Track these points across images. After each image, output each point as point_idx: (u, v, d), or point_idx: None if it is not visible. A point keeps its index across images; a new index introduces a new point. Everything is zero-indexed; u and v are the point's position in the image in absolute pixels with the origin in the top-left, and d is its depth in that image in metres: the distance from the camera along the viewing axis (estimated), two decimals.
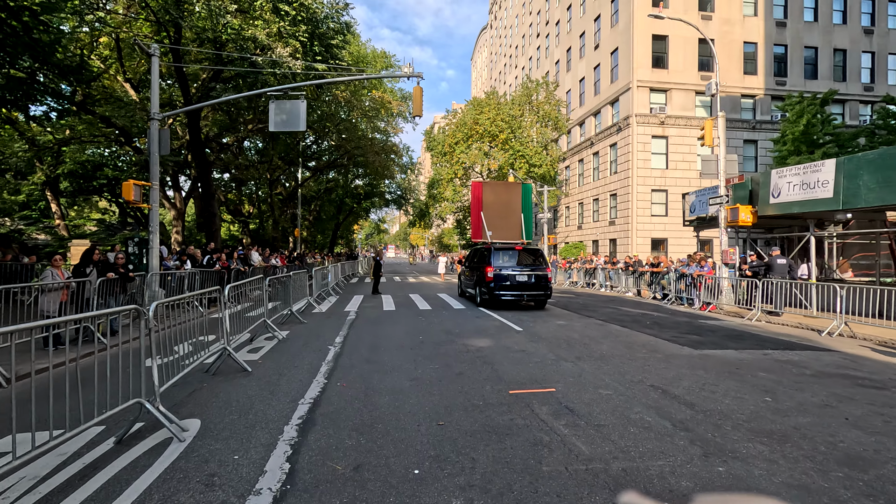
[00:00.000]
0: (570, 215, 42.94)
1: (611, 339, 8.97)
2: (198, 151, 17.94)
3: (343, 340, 8.82)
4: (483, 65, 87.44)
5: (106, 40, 23.05)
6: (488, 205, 16.93)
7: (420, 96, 12.96)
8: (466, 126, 37.06)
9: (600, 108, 36.87)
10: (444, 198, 39.58)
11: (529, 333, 9.59)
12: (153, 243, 11.98)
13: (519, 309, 13.88)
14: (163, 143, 12.20)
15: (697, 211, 17.52)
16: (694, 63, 32.68)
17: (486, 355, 7.47)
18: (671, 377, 6.18)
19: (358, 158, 32.04)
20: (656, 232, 32.28)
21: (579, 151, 40.47)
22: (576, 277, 25.45)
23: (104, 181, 34.09)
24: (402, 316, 12.34)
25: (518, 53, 60.82)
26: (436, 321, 11.36)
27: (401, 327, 10.41)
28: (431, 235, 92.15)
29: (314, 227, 46.91)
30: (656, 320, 11.82)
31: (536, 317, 12.16)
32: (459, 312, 13.06)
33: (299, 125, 12.85)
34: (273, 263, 21.40)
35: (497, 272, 13.89)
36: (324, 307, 14.07)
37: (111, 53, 23.61)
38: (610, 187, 35.07)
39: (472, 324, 10.91)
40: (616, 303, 16.20)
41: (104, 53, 23.92)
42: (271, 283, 13.50)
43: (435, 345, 8.37)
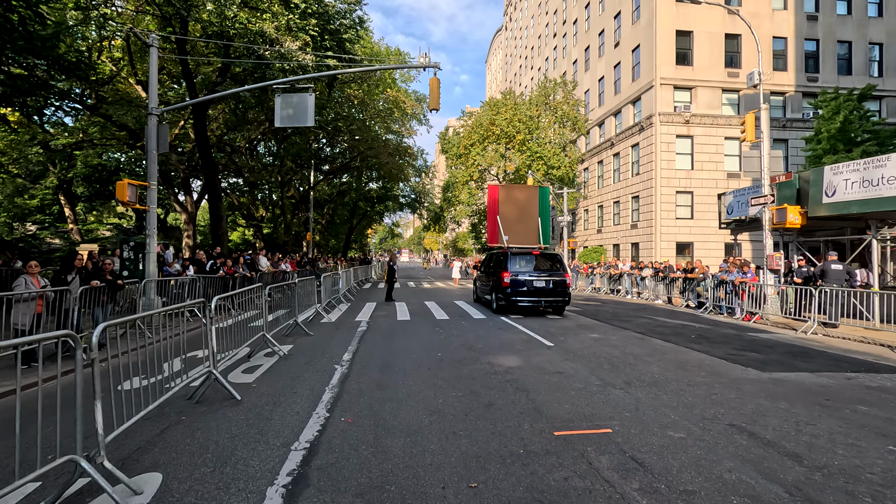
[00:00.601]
0: (588, 219, 41.59)
1: (658, 358, 7.81)
2: (205, 152, 17.14)
3: (352, 357, 7.79)
4: (498, 67, 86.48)
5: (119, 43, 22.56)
6: (504, 208, 16.53)
7: (437, 88, 11.95)
8: (482, 127, 36.03)
9: (621, 108, 35.57)
10: (459, 201, 38.56)
11: (562, 349, 8.47)
12: (150, 247, 11.11)
13: (540, 316, 12.76)
14: (161, 139, 11.34)
15: (736, 212, 16.22)
16: (720, 59, 31.26)
17: (517, 378, 6.37)
18: (750, 412, 5.03)
19: (371, 160, 31.21)
20: (681, 236, 30.84)
21: (599, 153, 39.15)
22: (598, 283, 24.19)
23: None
24: (417, 327, 11.30)
25: (534, 55, 59.72)
26: (455, 333, 10.29)
27: (416, 341, 9.37)
28: (446, 240, 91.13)
29: (328, 231, 46.19)
30: (700, 333, 10.60)
31: (566, 329, 11.02)
32: (480, 323, 11.97)
33: (307, 120, 11.92)
34: (283, 269, 20.53)
35: (514, 277, 13.45)
36: (333, 316, 13.08)
37: (122, 55, 23.03)
38: (632, 189, 33.72)
39: (495, 337, 9.82)
40: (648, 312, 14.98)
41: (115, 56, 23.39)
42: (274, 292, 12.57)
43: (456, 364, 7.29)
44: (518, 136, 34.59)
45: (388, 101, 28.29)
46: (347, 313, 13.87)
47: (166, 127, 11.42)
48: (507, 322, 12.07)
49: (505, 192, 17.27)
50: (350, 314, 13.65)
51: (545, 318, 13.13)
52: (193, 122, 16.98)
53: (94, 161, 31.48)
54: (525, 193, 17.19)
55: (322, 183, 41.93)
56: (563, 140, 36.51)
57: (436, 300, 18.53)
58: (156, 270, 11.17)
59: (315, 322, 11.98)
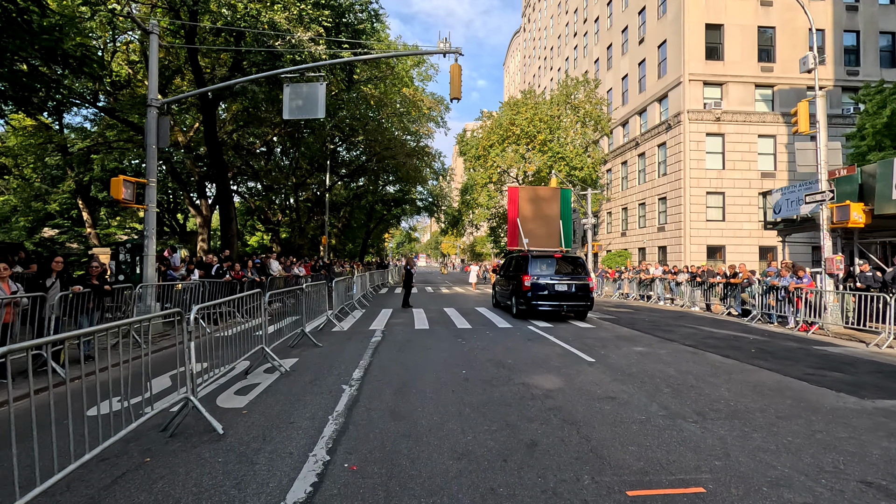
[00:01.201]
0: (612, 221, 40.14)
1: (724, 378, 6.61)
2: (214, 151, 16.36)
3: (363, 375, 6.75)
4: (516, 69, 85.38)
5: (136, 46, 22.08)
6: (525, 211, 16.28)
7: (458, 75, 10.91)
8: (502, 127, 34.95)
9: (646, 106, 34.17)
10: (477, 204, 37.46)
11: (607, 366, 7.32)
12: (149, 250, 10.26)
13: (571, 324, 11.59)
14: (162, 133, 10.51)
15: (784, 211, 14.83)
16: (753, 53, 29.72)
17: (561, 406, 5.25)
18: (880, 460, 3.84)
19: (388, 162, 30.31)
20: (712, 238, 29.28)
21: (622, 153, 37.75)
22: (627, 289, 22.84)
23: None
24: (437, 337, 10.22)
25: (553, 55, 58.51)
26: (479, 345, 9.19)
27: (437, 354, 8.29)
28: (463, 244, 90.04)
29: (344, 234, 45.47)
30: (759, 346, 9.33)
31: (604, 341, 9.83)
32: (506, 333, 10.84)
33: (317, 111, 10.99)
34: (295, 273, 19.66)
35: (535, 281, 13.17)
36: (346, 324, 12.08)
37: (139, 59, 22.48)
38: (658, 190, 32.26)
39: (526, 350, 8.69)
40: (688, 320, 13.68)
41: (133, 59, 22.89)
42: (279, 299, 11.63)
43: (485, 385, 6.20)
44: (539, 136, 33.41)
45: (405, 98, 27.36)
46: (361, 321, 12.86)
47: (167, 120, 10.58)
48: (536, 332, 10.92)
49: (525, 193, 16.92)
50: (364, 322, 12.64)
51: (577, 326, 11.95)
52: (203, 120, 16.22)
53: (112, 165, 31.26)
54: (546, 195, 16.76)
55: (338, 185, 41.21)
56: (586, 140, 35.20)
57: (455, 306, 17.45)
58: (154, 275, 10.31)
59: (326, 331, 10.99)
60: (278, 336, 8.26)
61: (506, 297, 15.51)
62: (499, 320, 13.11)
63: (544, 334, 10.55)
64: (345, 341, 9.63)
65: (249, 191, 37.20)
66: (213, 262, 13.59)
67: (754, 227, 29.14)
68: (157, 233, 37.23)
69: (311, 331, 10.85)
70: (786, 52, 29.75)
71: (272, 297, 10.78)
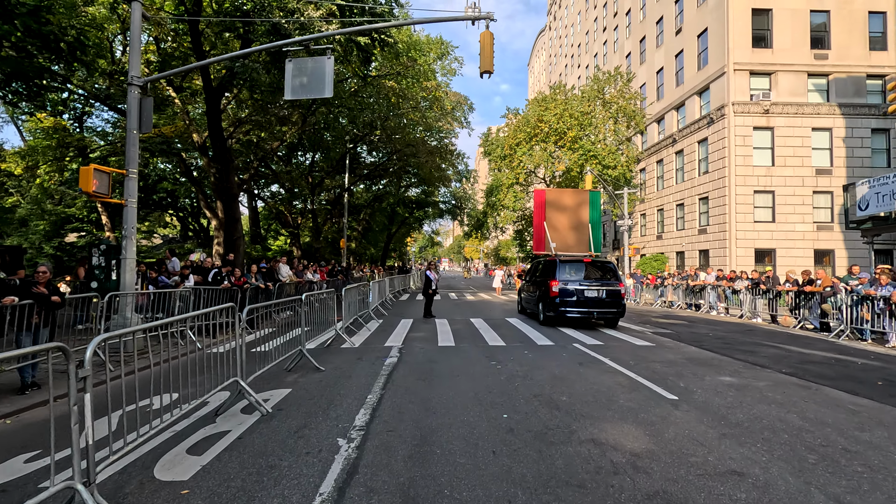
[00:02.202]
0: (646, 224, 37.80)
1: (880, 433, 4.66)
2: (218, 142, 14.94)
3: (369, 420, 5.01)
4: (541, 69, 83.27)
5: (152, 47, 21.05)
6: (552, 214, 15.79)
7: (490, 44, 9.14)
8: (529, 125, 33.01)
9: (684, 100, 31.88)
10: (503, 206, 35.55)
11: (697, 407, 5.43)
12: (127, 252, 8.76)
13: (621, 339, 9.67)
14: (144, 116, 9.03)
15: (873, 207, 12.62)
16: (805, 39, 27.22)
17: (664, 490, 3.42)
18: None
19: (409, 160, 28.75)
20: (761, 241, 26.81)
21: (658, 151, 35.45)
22: (671, 296, 20.67)
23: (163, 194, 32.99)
24: (465, 358, 8.43)
25: (581, 52, 56.38)
26: (519, 370, 7.37)
27: (467, 384, 6.50)
28: (487, 248, 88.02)
29: (365, 238, 44.09)
30: (882, 374, 7.28)
31: (674, 365, 7.89)
32: (548, 353, 8.98)
33: (324, 90, 9.36)
34: (309, 278, 18.13)
35: (563, 286, 12.70)
36: (358, 339, 10.38)
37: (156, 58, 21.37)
38: (699, 190, 29.91)
39: (579, 379, 6.83)
40: (759, 335, 11.59)
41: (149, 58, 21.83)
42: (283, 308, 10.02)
43: (538, 440, 4.40)
44: (569, 133, 31.37)
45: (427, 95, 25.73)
46: (376, 334, 11.14)
47: (150, 102, 9.09)
48: (584, 352, 9.02)
49: (553, 196, 16.47)
50: (379, 336, 10.92)
51: (632, 344, 10.01)
52: (207, 111, 14.86)
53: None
54: (575, 198, 16.23)
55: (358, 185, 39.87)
56: (619, 137, 33.02)
57: (482, 316, 15.65)
58: (133, 281, 8.80)
59: (334, 348, 9.32)
60: (263, 360, 6.60)
61: (532, 304, 14.94)
62: (536, 335, 11.24)
63: (596, 355, 8.65)
64: (353, 363, 7.92)
65: (273, 196, 36.22)
66: (209, 266, 12.07)
67: (808, 228, 26.61)
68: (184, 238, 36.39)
69: (315, 347, 9.23)
70: (841, 38, 27.18)
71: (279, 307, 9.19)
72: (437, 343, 10.06)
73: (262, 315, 12.73)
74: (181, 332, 7.41)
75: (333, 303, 9.96)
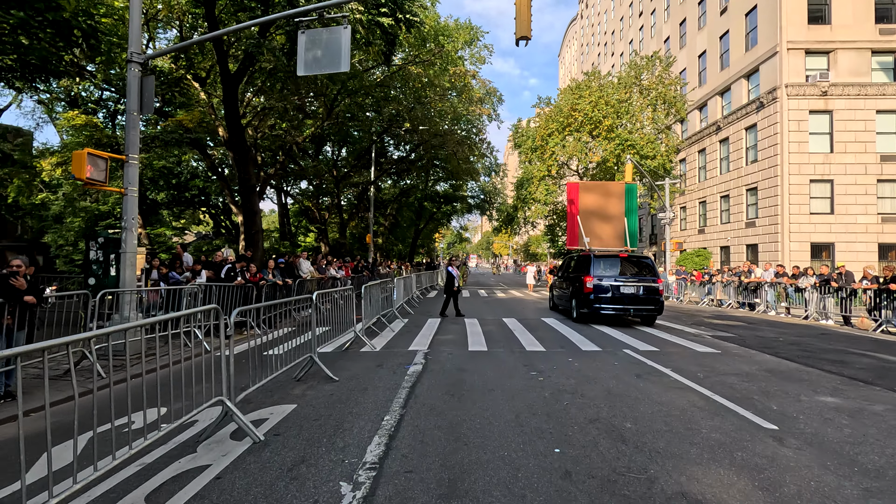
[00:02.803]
0: (686, 217, 35.75)
1: None
2: (235, 132, 14.18)
3: (384, 453, 3.96)
4: (572, 59, 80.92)
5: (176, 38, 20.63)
6: (586, 208, 15.47)
7: (527, 8, 7.96)
8: (562, 114, 31.47)
9: (730, 85, 29.80)
10: (534, 199, 34.05)
11: (807, 441, 4.19)
12: (127, 244, 7.97)
13: (675, 342, 8.38)
14: (146, 96, 8.22)
15: None
16: (869, 13, 24.89)
17: None
18: None
19: (438, 153, 27.71)
20: (818, 234, 24.70)
21: (699, 140, 33.39)
22: (721, 294, 19.02)
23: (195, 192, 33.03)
24: (500, 367, 7.32)
25: (615, 39, 54.17)
26: (566, 384, 6.21)
27: (504, 403, 5.39)
28: (516, 244, 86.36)
29: (392, 233, 43.33)
30: None
31: (754, 378, 6.58)
32: (597, 361, 7.78)
33: (340, 63, 8.36)
34: (332, 274, 17.30)
35: (597, 282, 12.38)
36: (379, 342, 9.38)
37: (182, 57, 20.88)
38: (746, 180, 27.88)
39: (643, 396, 5.62)
40: (838, 340, 10.08)
41: None
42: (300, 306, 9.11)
43: (605, 492, 3.26)
44: (605, 122, 29.71)
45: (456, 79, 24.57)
46: (400, 336, 10.13)
47: (152, 81, 8.28)
48: (638, 360, 7.78)
49: (587, 188, 16.24)
50: (403, 338, 9.90)
51: (693, 350, 8.71)
52: (224, 98, 14.11)
53: (158, 164, 30.51)
54: (610, 190, 15.92)
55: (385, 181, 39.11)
56: (658, 126, 31.13)
57: (515, 315, 14.48)
58: (134, 277, 8.01)
59: (352, 352, 8.35)
60: (276, 364, 5.64)
61: (565, 300, 14.61)
62: (578, 338, 10.02)
63: (654, 364, 7.40)
64: (372, 371, 6.90)
65: (303, 193, 35.84)
66: (219, 260, 11.26)
67: (872, 220, 24.36)
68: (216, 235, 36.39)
69: (332, 351, 8.27)
70: None
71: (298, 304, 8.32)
72: (466, 347, 8.96)
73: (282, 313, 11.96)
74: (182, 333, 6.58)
75: (352, 301, 8.97)
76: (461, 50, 25.65)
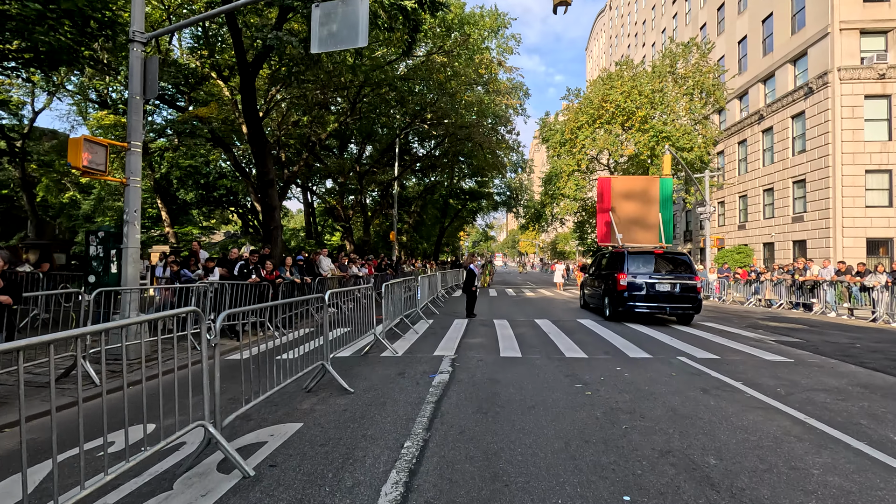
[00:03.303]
0: (725, 212, 33.95)
1: None
2: (253, 122, 13.55)
3: (402, 496, 3.09)
4: (601, 52, 78.83)
5: None
6: (619, 203, 15.17)
7: None
8: (592, 105, 30.14)
9: (774, 70, 28.02)
10: (563, 195, 32.76)
11: None
12: (129, 240, 7.33)
13: (736, 350, 7.28)
14: (149, 78, 7.56)
15: None
16: None
17: None
18: None
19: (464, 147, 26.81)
20: (875, 229, 22.88)
21: (740, 130, 31.62)
22: (771, 294, 17.58)
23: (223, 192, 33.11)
24: (539, 377, 6.37)
25: (646, 29, 52.29)
26: (622, 403, 5.22)
27: (548, 425, 4.45)
28: (542, 242, 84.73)
29: (417, 231, 42.66)
30: None
31: (845, 394, 5.48)
32: (650, 370, 6.77)
33: (357, 38, 7.53)
34: (354, 272, 16.58)
35: (631, 280, 12.00)
36: (401, 345, 8.54)
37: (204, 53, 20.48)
38: (793, 172, 26.13)
39: (718, 421, 4.59)
40: None
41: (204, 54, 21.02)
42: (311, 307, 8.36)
43: None
44: (639, 112, 28.27)
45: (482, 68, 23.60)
46: (424, 340, 9.27)
47: (156, 62, 7.62)
48: (699, 369, 6.73)
49: (619, 184, 15.87)
50: (427, 342, 9.03)
51: (759, 358, 7.59)
52: (240, 87, 13.51)
53: (185, 163, 30.57)
54: (643, 185, 15.52)
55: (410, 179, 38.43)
56: (695, 116, 29.48)
57: (548, 316, 13.48)
58: (136, 275, 7.36)
59: (372, 356, 7.53)
60: (279, 375, 4.84)
61: (597, 298, 14.22)
62: (622, 342, 8.99)
63: (719, 375, 6.34)
64: (392, 381, 6.05)
65: (328, 191, 35.53)
66: (234, 257, 10.59)
67: None
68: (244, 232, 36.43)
69: (350, 356, 7.48)
70: None
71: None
72: (498, 352, 8.04)
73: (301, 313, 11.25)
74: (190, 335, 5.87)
75: (372, 301, 8.15)
76: (487, 40, 24.67)
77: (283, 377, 4.86)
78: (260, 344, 5.07)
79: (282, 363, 4.92)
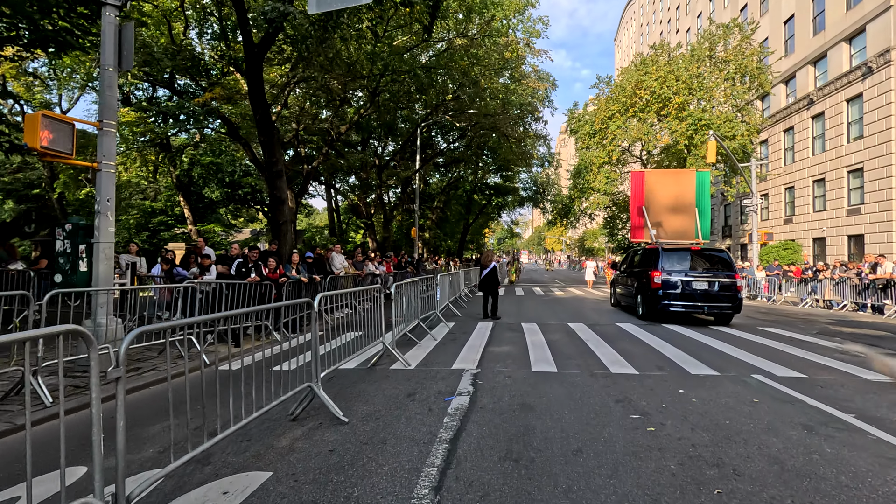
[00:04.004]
0: (770, 206, 31.67)
1: None
2: (261, 110, 12.56)
3: None
4: (630, 42, 76.12)
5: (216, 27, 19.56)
6: (653, 197, 14.66)
7: None
8: (625, 93, 28.37)
9: (826, 51, 25.79)
10: (592, 188, 30.99)
11: None
12: (102, 233, 6.33)
13: (819, 362, 5.84)
14: (124, 48, 6.54)
15: None
16: None
17: None
18: None
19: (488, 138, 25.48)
20: None
21: (786, 117, 29.40)
22: (830, 294, 15.78)
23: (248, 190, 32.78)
24: (581, 403, 5.06)
25: (680, 14, 49.86)
26: (700, 446, 3.90)
27: (602, 482, 3.18)
28: (570, 239, 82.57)
29: (440, 228, 41.52)
30: None
31: None
32: (721, 392, 5.40)
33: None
34: (371, 270, 15.50)
35: (666, 278, 11.57)
36: (415, 356, 7.34)
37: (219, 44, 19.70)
38: (848, 161, 23.94)
39: (854, 485, 3.24)
40: None
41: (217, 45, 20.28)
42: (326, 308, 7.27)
43: None
44: (676, 99, 26.40)
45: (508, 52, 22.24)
46: (442, 348, 8.05)
47: (132, 29, 6.61)
48: (783, 392, 5.34)
49: (653, 177, 15.42)
50: (445, 351, 7.81)
51: (848, 371, 6.15)
52: (246, 71, 12.53)
53: (206, 160, 30.20)
54: (679, 178, 15.07)
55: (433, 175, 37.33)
56: (739, 100, 27.41)
57: (582, 319, 12.09)
58: (110, 273, 6.36)
59: (380, 369, 6.36)
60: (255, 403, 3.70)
61: (629, 297, 13.81)
62: (675, 352, 7.59)
63: (817, 404, 4.93)
64: (398, 407, 4.85)
65: (350, 188, 34.77)
66: (234, 254, 9.55)
67: None
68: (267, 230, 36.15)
69: (355, 367, 6.34)
70: None
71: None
72: (529, 366, 6.75)
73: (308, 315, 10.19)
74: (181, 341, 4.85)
75: (376, 308, 6.96)
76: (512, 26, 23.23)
77: (265, 400, 3.70)
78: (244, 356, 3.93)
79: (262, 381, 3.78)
